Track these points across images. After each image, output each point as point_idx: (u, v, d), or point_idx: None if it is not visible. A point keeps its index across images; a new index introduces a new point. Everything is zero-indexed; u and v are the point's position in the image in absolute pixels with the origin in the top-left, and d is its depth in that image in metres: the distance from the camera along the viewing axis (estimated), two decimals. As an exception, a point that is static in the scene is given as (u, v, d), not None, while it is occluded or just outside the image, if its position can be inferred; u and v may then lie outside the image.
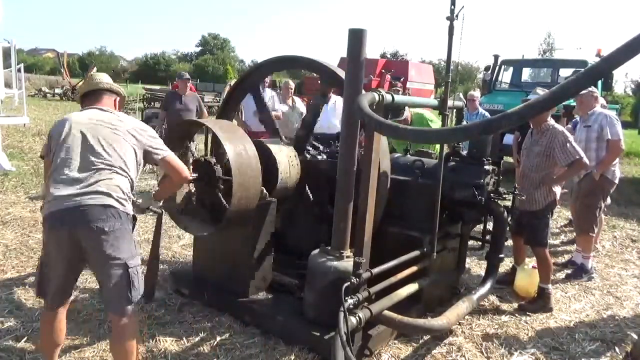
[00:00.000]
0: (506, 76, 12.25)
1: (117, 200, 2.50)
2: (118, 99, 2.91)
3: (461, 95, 9.09)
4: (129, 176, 2.61)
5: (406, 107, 4.82)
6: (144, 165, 2.79)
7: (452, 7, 3.20)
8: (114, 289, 2.51)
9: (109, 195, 2.47)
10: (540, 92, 4.49)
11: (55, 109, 20.80)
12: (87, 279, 4.14)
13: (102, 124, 2.63)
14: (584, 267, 5.05)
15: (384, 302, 3.07)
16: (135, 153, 2.67)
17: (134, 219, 2.66)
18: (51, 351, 2.76)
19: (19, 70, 10.43)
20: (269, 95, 7.36)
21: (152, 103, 22.28)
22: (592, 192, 4.99)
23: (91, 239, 2.45)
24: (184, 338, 3.36)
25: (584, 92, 4.97)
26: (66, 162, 2.51)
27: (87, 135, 2.56)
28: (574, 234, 6.45)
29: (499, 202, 3.84)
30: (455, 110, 4.37)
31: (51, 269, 2.58)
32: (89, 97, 2.82)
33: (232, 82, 8.52)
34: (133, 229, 2.64)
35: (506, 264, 4.84)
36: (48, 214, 2.47)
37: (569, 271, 5.15)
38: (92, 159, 2.51)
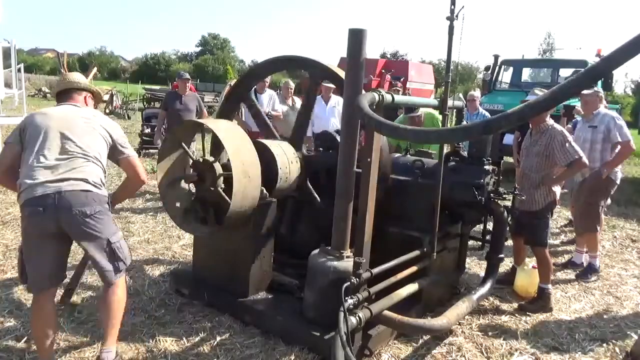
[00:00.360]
0: (506, 76, 12.24)
1: (94, 185, 2.70)
2: (89, 95, 3.08)
3: (461, 96, 9.09)
4: (102, 165, 2.80)
5: None
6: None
7: (452, 7, 3.20)
8: (103, 264, 2.76)
9: (86, 181, 2.66)
10: (539, 92, 4.49)
11: (55, 109, 20.77)
12: (87, 280, 4.15)
13: (76, 118, 2.81)
14: (593, 267, 5.05)
15: (384, 302, 3.07)
16: (106, 145, 2.86)
17: (109, 201, 2.85)
18: (43, 342, 2.78)
19: (19, 70, 10.44)
20: (269, 95, 7.37)
21: (152, 103, 22.35)
22: (596, 191, 4.99)
23: (74, 223, 2.62)
24: (184, 338, 3.36)
25: (588, 92, 4.97)
26: (41, 152, 2.65)
27: (61, 128, 2.72)
28: (574, 234, 6.46)
29: (499, 202, 3.84)
30: (455, 110, 4.37)
31: (35, 256, 2.70)
32: (62, 95, 3.00)
33: (232, 82, 8.53)
34: (110, 208, 2.85)
35: (506, 264, 4.83)
36: (27, 201, 2.59)
37: (576, 271, 5.13)
38: (67, 148, 2.69)
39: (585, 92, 5.05)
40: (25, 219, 2.65)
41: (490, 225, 4.03)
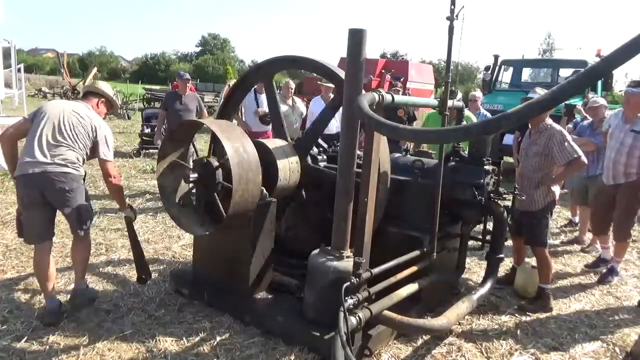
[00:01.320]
0: (506, 76, 12.24)
1: (73, 168, 3.45)
2: (102, 100, 3.80)
3: (460, 94, 9.08)
4: (82, 153, 3.53)
5: None
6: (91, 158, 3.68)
7: (452, 7, 3.20)
8: (75, 224, 3.56)
9: (66, 165, 3.40)
10: (540, 91, 4.45)
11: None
12: (88, 281, 4.15)
13: (75, 114, 3.52)
14: (615, 269, 5.02)
15: (384, 302, 3.07)
16: (89, 139, 3.56)
17: (85, 178, 3.64)
18: (44, 283, 3.52)
19: (19, 70, 10.46)
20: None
21: (152, 103, 22.34)
22: (636, 199, 4.79)
23: (55, 195, 3.41)
24: (184, 338, 3.36)
25: (635, 91, 4.67)
26: (40, 136, 3.39)
27: (60, 120, 3.45)
28: (574, 234, 6.46)
29: (499, 202, 3.84)
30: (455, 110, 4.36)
31: (27, 218, 3.49)
32: (85, 94, 3.83)
33: (231, 82, 8.52)
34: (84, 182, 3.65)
35: (506, 264, 4.83)
36: (21, 175, 3.36)
37: (601, 270, 5.09)
38: (59, 138, 3.42)
39: (631, 91, 4.75)
40: (20, 189, 3.43)
41: (490, 225, 4.03)
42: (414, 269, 3.41)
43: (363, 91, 2.96)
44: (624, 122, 4.85)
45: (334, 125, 6.54)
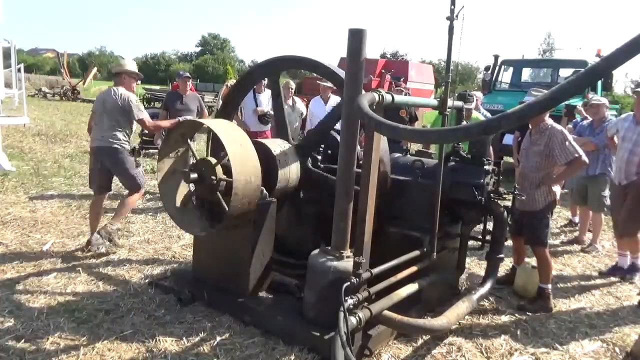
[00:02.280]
0: (506, 76, 12.25)
1: (118, 144, 4.67)
2: (125, 75, 4.82)
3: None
4: (125, 127, 4.75)
5: None
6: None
7: (452, 7, 3.20)
8: (127, 185, 4.93)
9: (114, 142, 4.65)
10: (536, 93, 4.45)
11: (55, 109, 20.76)
12: (88, 280, 4.15)
13: (112, 97, 4.65)
14: (636, 266, 5.00)
15: (384, 302, 3.07)
16: (126, 113, 4.68)
17: (134, 151, 4.83)
18: (94, 222, 4.84)
19: (19, 70, 10.43)
20: (268, 95, 7.37)
21: (152, 103, 22.34)
22: None
23: (111, 163, 4.72)
24: (184, 338, 3.35)
25: None
26: (98, 121, 4.75)
27: (104, 107, 4.68)
28: (574, 234, 6.46)
29: (499, 202, 3.84)
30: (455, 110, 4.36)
31: (93, 175, 4.85)
32: (114, 75, 4.94)
33: (230, 82, 8.51)
34: (133, 155, 4.82)
35: (506, 264, 4.83)
36: (91, 148, 4.81)
37: (623, 276, 5.03)
38: (106, 120, 4.65)
39: None
40: (90, 156, 4.86)
41: (490, 225, 4.03)
42: (414, 269, 3.41)
43: (363, 91, 2.96)
44: (635, 124, 4.88)
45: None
